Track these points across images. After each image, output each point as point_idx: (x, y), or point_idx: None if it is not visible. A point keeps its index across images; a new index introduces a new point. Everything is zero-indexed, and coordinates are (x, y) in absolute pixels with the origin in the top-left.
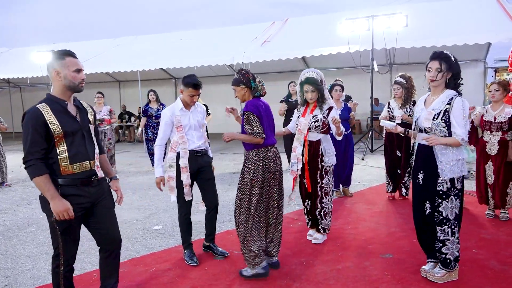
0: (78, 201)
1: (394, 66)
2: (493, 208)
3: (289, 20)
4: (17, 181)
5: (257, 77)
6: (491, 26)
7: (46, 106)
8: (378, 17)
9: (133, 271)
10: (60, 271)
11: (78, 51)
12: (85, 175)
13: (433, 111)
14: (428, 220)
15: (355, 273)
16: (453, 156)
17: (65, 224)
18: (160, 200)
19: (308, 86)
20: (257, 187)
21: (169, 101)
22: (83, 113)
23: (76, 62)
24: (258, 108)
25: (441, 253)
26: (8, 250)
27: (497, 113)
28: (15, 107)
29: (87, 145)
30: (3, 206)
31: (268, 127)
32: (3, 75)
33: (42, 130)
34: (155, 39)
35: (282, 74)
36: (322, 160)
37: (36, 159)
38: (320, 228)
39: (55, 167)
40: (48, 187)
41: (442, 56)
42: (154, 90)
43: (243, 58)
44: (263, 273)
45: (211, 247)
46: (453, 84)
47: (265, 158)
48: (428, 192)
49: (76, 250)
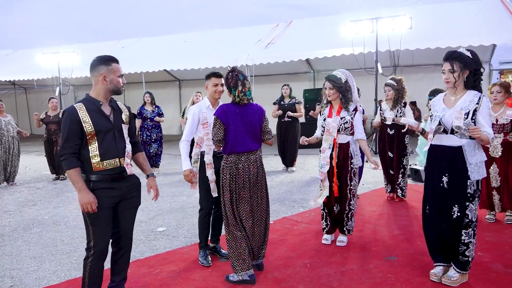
0: (109, 194)
1: (399, 68)
2: (499, 211)
3: (293, 22)
4: (22, 182)
5: (242, 85)
6: (496, 28)
7: (82, 105)
8: (382, 19)
9: (138, 272)
10: (88, 263)
11: (82, 53)
12: (115, 172)
13: (462, 110)
14: (454, 224)
15: (359, 275)
16: (480, 158)
17: (94, 216)
18: (164, 202)
19: (327, 82)
20: (226, 193)
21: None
22: (117, 113)
23: (119, 68)
24: (226, 114)
25: (465, 256)
26: (14, 251)
27: (498, 115)
28: (20, 109)
29: (118, 143)
30: (8, 207)
31: (241, 134)
32: (9, 77)
33: (77, 128)
34: (159, 41)
35: (286, 76)
36: (351, 162)
37: (69, 154)
38: (345, 229)
39: (87, 165)
40: (77, 179)
41: (453, 56)
42: (150, 92)
43: (247, 60)
44: (248, 280)
45: (215, 249)
46: (472, 82)
47: (232, 165)
48: (457, 196)
49: (107, 243)
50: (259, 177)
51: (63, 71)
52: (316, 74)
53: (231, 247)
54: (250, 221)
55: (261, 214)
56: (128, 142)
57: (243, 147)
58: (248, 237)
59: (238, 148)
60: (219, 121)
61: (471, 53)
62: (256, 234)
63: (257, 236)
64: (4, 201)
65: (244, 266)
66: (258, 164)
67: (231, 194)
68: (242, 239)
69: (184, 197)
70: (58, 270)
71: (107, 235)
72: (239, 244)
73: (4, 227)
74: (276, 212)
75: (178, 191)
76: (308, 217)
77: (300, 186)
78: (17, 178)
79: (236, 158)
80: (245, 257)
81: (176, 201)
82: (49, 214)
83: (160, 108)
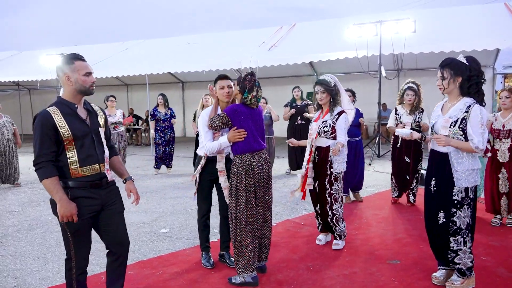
0: (88, 203)
1: (402, 72)
2: (506, 215)
3: (296, 25)
4: (26, 182)
5: (256, 91)
6: (500, 32)
7: (56, 109)
8: (386, 22)
9: (140, 273)
10: (73, 274)
11: (86, 54)
12: (95, 178)
13: (450, 119)
14: (441, 230)
15: (362, 278)
16: (468, 166)
17: (74, 227)
18: (167, 203)
19: (318, 87)
20: (242, 193)
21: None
22: (93, 116)
23: (85, 66)
24: (234, 112)
25: (454, 263)
26: (17, 251)
27: (506, 121)
28: (24, 110)
29: (97, 148)
30: (12, 208)
31: (251, 132)
32: (13, 77)
33: (51, 133)
34: (162, 43)
35: (290, 79)
36: (331, 166)
37: (46, 162)
38: (336, 235)
39: (65, 170)
40: (56, 189)
41: (444, 64)
42: (163, 94)
43: (250, 62)
44: (251, 282)
45: (224, 257)
46: (467, 89)
47: (248, 164)
48: (442, 201)
49: (88, 253)
50: (270, 175)
51: None
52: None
53: (237, 248)
54: (260, 221)
55: (270, 213)
56: (105, 147)
57: (255, 146)
58: (256, 238)
59: (253, 146)
60: (225, 115)
61: (467, 60)
62: (265, 233)
63: (265, 235)
64: (8, 201)
65: (248, 268)
66: (268, 163)
67: (247, 191)
68: (249, 241)
69: (187, 199)
70: (62, 270)
71: (88, 245)
72: (246, 245)
73: (8, 228)
74: (278, 214)
75: (181, 193)
76: (311, 220)
77: None
78: (20, 178)
79: (250, 157)
80: (250, 259)
81: (179, 203)
82: (52, 214)
83: (173, 110)
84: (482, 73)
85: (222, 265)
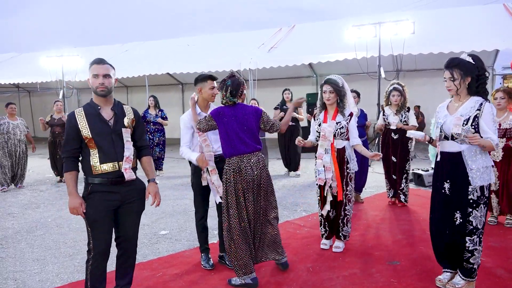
0: (109, 197)
1: (401, 73)
2: (498, 214)
3: (296, 27)
4: (26, 184)
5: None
6: (499, 33)
7: (81, 110)
8: (385, 24)
9: (140, 275)
10: (89, 266)
11: (86, 56)
12: (114, 175)
13: (462, 117)
14: (457, 231)
15: (362, 280)
16: (482, 163)
17: (92, 218)
18: (166, 205)
19: (327, 86)
20: (231, 197)
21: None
22: (118, 118)
23: (95, 68)
24: (219, 114)
25: (469, 263)
26: (17, 253)
27: (501, 120)
28: (24, 112)
29: (116, 147)
30: (12, 210)
31: (236, 135)
32: (13, 79)
33: (74, 133)
34: (162, 44)
35: (289, 80)
36: (347, 167)
37: (67, 157)
38: (341, 235)
39: (87, 167)
40: (69, 183)
41: (453, 64)
42: (154, 96)
43: (250, 64)
44: (250, 283)
45: (224, 258)
46: (475, 88)
47: (235, 167)
48: (458, 202)
49: (107, 246)
50: (262, 178)
51: (66, 74)
52: (319, 78)
53: (231, 251)
54: (252, 223)
55: (267, 216)
56: (129, 146)
57: (245, 148)
58: (250, 240)
59: (239, 149)
60: (211, 117)
61: (473, 59)
62: (260, 236)
63: (261, 238)
64: (8, 203)
65: (246, 270)
66: (261, 165)
67: (236, 195)
68: (242, 243)
69: (186, 200)
70: (61, 272)
71: (107, 237)
72: (240, 248)
73: (8, 230)
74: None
75: (181, 195)
76: (311, 221)
77: (303, 190)
78: None
79: (238, 160)
80: (246, 261)
81: (178, 204)
82: (52, 216)
83: (164, 111)
84: (486, 71)
85: (222, 267)
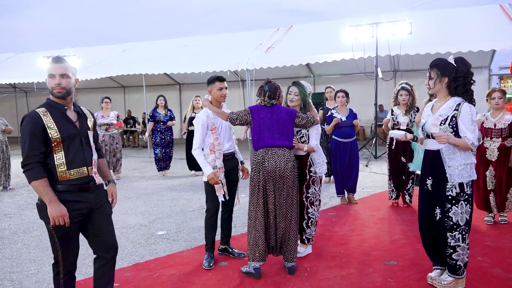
0: (76, 207)
1: (398, 73)
2: (496, 212)
3: (293, 27)
4: (22, 185)
5: (264, 95)
6: (496, 33)
7: (45, 110)
8: (382, 24)
9: (137, 276)
10: (60, 278)
11: (83, 56)
12: (82, 181)
13: (440, 117)
14: (438, 226)
15: (359, 279)
16: (461, 161)
17: (62, 231)
18: (164, 206)
19: (293, 87)
20: (252, 187)
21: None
22: (82, 119)
23: (51, 67)
24: (257, 110)
25: (452, 259)
26: (14, 254)
27: (497, 120)
28: (20, 112)
29: (85, 151)
30: (8, 210)
31: (268, 129)
32: (9, 80)
33: (40, 134)
34: (159, 45)
35: (286, 80)
36: (309, 170)
37: (34, 163)
38: (304, 238)
39: (53, 173)
40: (46, 190)
41: (432, 64)
42: (163, 95)
43: (247, 64)
44: (253, 273)
45: (227, 249)
46: (453, 89)
47: (260, 159)
48: (438, 198)
49: (76, 258)
50: (286, 172)
51: None
52: (317, 78)
53: (250, 233)
54: (272, 215)
55: (287, 211)
56: (94, 150)
57: (272, 141)
58: (270, 230)
59: (267, 142)
60: (248, 111)
61: (456, 61)
62: (278, 229)
63: (279, 231)
64: (4, 204)
65: (256, 256)
66: (287, 159)
67: (258, 186)
68: (256, 233)
69: (184, 201)
70: None
71: (76, 249)
72: (254, 236)
73: (4, 230)
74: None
75: (178, 195)
76: None
77: None
78: (17, 181)
79: (264, 151)
80: (261, 246)
81: (176, 205)
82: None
83: (173, 112)
84: (471, 74)
85: (220, 267)
